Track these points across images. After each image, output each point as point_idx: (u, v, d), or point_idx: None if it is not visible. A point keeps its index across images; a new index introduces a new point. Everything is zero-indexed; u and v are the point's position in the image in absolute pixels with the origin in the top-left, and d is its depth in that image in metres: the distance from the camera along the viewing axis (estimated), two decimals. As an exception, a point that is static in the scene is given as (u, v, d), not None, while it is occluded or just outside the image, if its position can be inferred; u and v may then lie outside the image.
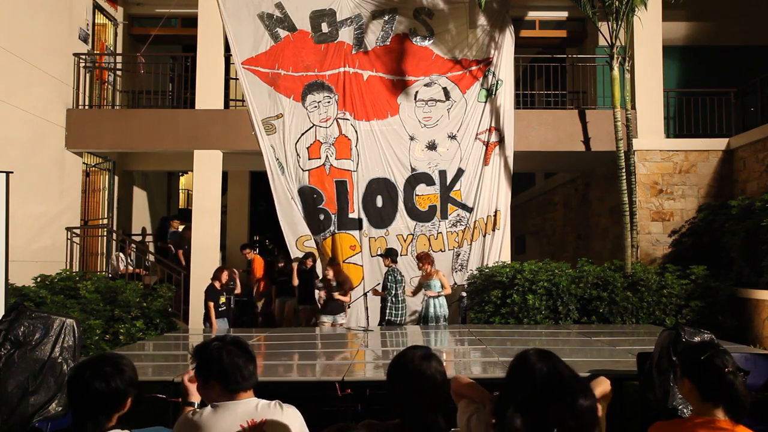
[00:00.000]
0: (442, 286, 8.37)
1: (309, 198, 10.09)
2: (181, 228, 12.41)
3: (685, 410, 3.68)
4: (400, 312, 8.35)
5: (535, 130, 10.42)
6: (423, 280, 8.55)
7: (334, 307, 8.55)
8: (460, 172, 10.21)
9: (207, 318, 8.39)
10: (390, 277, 8.39)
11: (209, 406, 2.31)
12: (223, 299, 8.44)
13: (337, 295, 8.46)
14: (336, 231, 10.06)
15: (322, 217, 10.09)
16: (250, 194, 13.64)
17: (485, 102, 10.34)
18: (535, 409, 1.89)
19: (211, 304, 8.31)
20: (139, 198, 13.27)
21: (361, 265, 9.98)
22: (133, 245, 11.21)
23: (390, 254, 8.68)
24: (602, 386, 2.53)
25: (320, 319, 8.59)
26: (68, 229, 10.25)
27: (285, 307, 10.00)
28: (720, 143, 10.39)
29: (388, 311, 8.32)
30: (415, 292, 8.74)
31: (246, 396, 2.33)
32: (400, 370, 2.20)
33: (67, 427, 2.16)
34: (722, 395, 2.17)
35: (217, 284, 8.43)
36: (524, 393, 1.93)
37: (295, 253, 9.91)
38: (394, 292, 8.31)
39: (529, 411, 1.90)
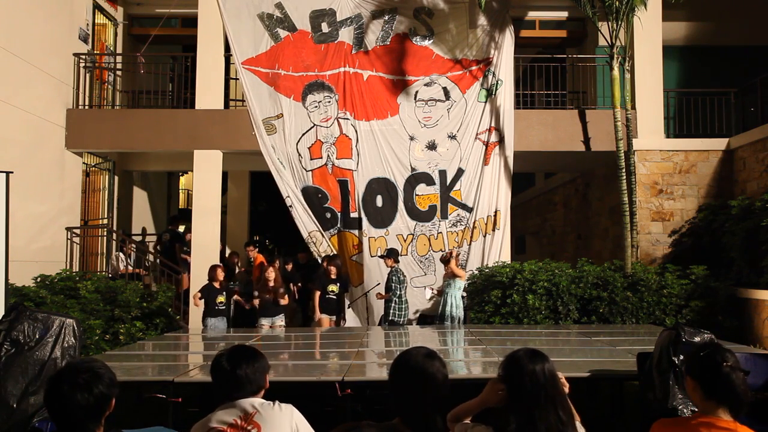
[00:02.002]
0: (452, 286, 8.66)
1: (314, 198, 10.10)
2: (181, 228, 12.39)
3: (685, 410, 3.68)
4: (403, 312, 8.41)
5: (535, 130, 10.41)
6: (445, 278, 8.82)
7: (273, 310, 8.43)
8: (460, 172, 10.21)
9: (206, 316, 8.36)
10: (394, 278, 8.43)
11: (225, 405, 2.52)
12: (222, 298, 8.35)
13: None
14: (342, 229, 10.10)
15: (328, 215, 10.12)
16: (250, 194, 13.64)
17: (485, 102, 10.34)
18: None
19: (198, 295, 8.31)
20: (139, 198, 13.27)
21: (362, 264, 9.99)
22: (133, 245, 11.20)
23: (391, 255, 8.72)
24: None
25: (259, 322, 8.47)
26: (68, 229, 10.25)
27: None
28: (720, 143, 10.38)
29: (392, 312, 8.35)
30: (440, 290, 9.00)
31: (251, 398, 2.52)
32: (402, 368, 2.22)
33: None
34: (723, 392, 2.17)
35: (216, 284, 8.35)
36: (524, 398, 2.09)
37: (311, 248, 10.06)
38: (399, 292, 8.37)
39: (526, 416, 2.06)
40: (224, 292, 8.42)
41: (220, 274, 8.40)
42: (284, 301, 8.43)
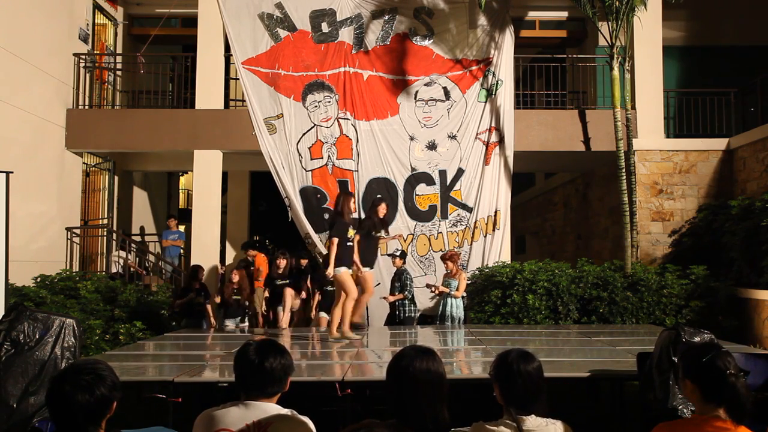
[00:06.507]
0: (457, 288, 8.42)
1: (312, 198, 10.08)
2: (182, 228, 12.38)
3: (685, 410, 3.68)
4: (414, 309, 8.67)
5: (535, 130, 10.41)
6: (446, 277, 8.75)
7: (236, 311, 8.67)
8: (460, 172, 10.20)
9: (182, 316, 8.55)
10: (408, 277, 8.67)
11: (238, 403, 2.39)
12: (201, 299, 8.59)
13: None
14: (340, 230, 10.06)
15: (326, 216, 10.09)
16: (250, 194, 13.63)
17: (485, 102, 10.33)
18: None
19: (179, 301, 8.53)
20: (139, 198, 13.27)
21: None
22: (133, 245, 11.19)
23: (401, 255, 8.92)
24: None
25: (225, 323, 8.66)
26: (68, 229, 10.25)
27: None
28: (720, 143, 10.38)
29: (406, 309, 8.55)
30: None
31: (267, 401, 2.39)
32: (396, 368, 2.21)
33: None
34: (724, 397, 2.17)
35: (196, 285, 8.59)
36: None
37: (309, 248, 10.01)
38: (412, 291, 8.62)
39: None
40: (201, 293, 8.65)
41: (202, 276, 8.72)
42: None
